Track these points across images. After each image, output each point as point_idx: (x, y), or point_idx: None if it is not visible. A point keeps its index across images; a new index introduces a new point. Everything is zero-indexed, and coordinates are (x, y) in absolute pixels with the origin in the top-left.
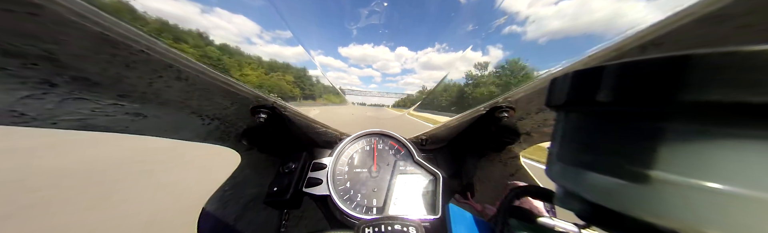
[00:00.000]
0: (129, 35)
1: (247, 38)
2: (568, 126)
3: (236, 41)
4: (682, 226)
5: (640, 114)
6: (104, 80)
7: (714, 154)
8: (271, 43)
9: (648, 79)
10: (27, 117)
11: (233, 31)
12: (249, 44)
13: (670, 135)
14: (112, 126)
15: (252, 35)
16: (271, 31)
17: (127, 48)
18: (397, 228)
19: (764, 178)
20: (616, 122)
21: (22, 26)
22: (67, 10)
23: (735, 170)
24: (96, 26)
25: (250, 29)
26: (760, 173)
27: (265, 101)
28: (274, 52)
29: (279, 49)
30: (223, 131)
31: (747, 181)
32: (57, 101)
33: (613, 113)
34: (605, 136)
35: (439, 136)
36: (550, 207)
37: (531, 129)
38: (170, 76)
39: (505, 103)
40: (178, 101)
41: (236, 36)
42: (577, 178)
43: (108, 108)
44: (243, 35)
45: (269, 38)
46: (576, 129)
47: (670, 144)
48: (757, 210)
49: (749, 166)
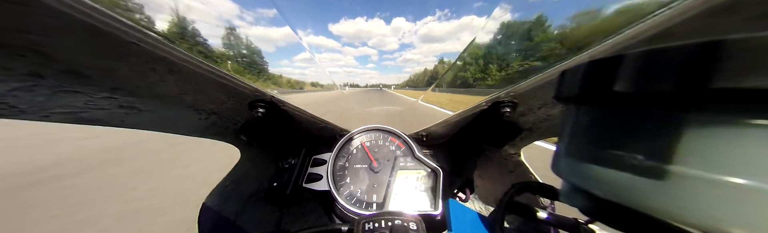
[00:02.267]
0: (119, 26)
1: (228, 20)
2: (578, 120)
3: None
4: (701, 223)
5: (662, 105)
6: (95, 73)
7: (745, 148)
8: (254, 24)
9: (676, 66)
10: (17, 110)
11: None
12: (237, 26)
13: (695, 128)
14: (106, 120)
15: (233, 17)
16: (251, 10)
17: (118, 40)
18: (398, 224)
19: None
20: (634, 114)
21: (9, 16)
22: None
23: (763, 165)
24: (85, 17)
25: (228, 10)
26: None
27: (263, 96)
28: (260, 35)
29: (264, 31)
30: (220, 125)
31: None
32: (48, 93)
33: (631, 105)
34: (620, 129)
35: (440, 132)
36: (550, 203)
37: (533, 125)
38: (163, 69)
39: (507, 98)
40: (173, 95)
41: (215, 19)
42: (587, 173)
43: (101, 101)
44: (222, 18)
45: (251, 19)
46: (588, 123)
47: (692, 137)
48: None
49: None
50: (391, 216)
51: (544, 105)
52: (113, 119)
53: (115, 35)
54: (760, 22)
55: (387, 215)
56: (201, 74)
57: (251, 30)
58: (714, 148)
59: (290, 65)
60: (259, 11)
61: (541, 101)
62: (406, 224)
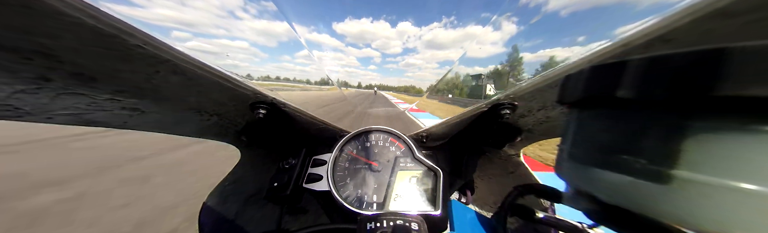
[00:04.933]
0: (125, 29)
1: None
2: (582, 124)
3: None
4: (704, 227)
5: (666, 111)
6: (100, 75)
7: (749, 153)
8: (257, 17)
9: (680, 73)
10: (21, 111)
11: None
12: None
13: (700, 133)
14: (109, 121)
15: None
16: (255, 1)
17: (123, 42)
18: (400, 224)
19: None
20: (638, 120)
21: (15, 19)
22: (62, 3)
23: (767, 170)
24: (91, 20)
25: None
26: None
27: (265, 97)
28: (262, 29)
29: (267, 24)
30: (222, 126)
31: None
32: (52, 95)
33: (635, 110)
34: (624, 134)
35: (440, 133)
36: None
37: (532, 126)
38: (167, 71)
39: (507, 100)
40: (176, 97)
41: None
42: (591, 177)
43: (105, 103)
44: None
45: (255, 12)
46: (591, 127)
47: (699, 143)
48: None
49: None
50: (393, 216)
51: (543, 107)
52: (116, 121)
53: (121, 38)
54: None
55: (389, 215)
56: (204, 75)
57: (254, 23)
58: (718, 153)
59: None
60: (263, 4)
61: (540, 103)
62: (408, 224)
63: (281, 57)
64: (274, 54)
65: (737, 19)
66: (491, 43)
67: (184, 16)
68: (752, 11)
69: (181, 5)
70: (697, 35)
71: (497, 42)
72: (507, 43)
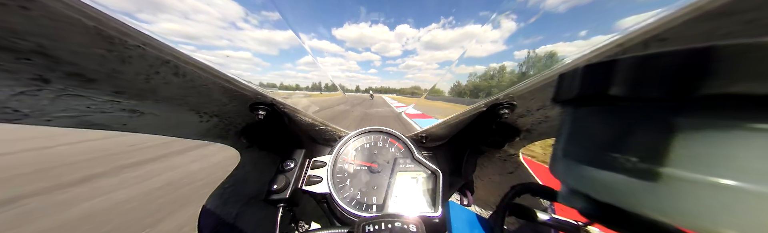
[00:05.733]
0: (125, 30)
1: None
2: (576, 122)
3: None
4: (696, 225)
5: (656, 109)
6: (100, 76)
7: (733, 150)
8: (258, 27)
9: (669, 71)
10: (20, 114)
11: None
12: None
13: (686, 131)
14: (108, 124)
15: (237, 19)
16: (255, 13)
17: (123, 43)
18: (398, 226)
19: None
20: (629, 118)
21: (15, 20)
22: (61, 3)
23: (755, 168)
24: (90, 20)
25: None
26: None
27: (264, 98)
28: (265, 38)
29: (269, 33)
30: (222, 128)
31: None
32: (51, 97)
33: (627, 108)
34: (615, 132)
35: (439, 133)
36: (550, 205)
37: (531, 126)
38: (167, 72)
39: (505, 100)
40: (176, 98)
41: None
42: (584, 176)
43: (104, 105)
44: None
45: (256, 22)
46: (585, 125)
47: (685, 140)
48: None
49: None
50: (391, 218)
51: (542, 107)
52: (115, 123)
53: (121, 39)
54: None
55: (387, 217)
56: (204, 76)
57: (256, 33)
58: (703, 150)
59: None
60: (263, 14)
61: (539, 102)
62: (406, 226)
63: (283, 65)
64: (276, 62)
65: (735, 18)
66: (491, 41)
67: (189, 29)
68: (747, 11)
69: (185, 19)
70: (692, 35)
71: (497, 40)
72: (507, 41)
